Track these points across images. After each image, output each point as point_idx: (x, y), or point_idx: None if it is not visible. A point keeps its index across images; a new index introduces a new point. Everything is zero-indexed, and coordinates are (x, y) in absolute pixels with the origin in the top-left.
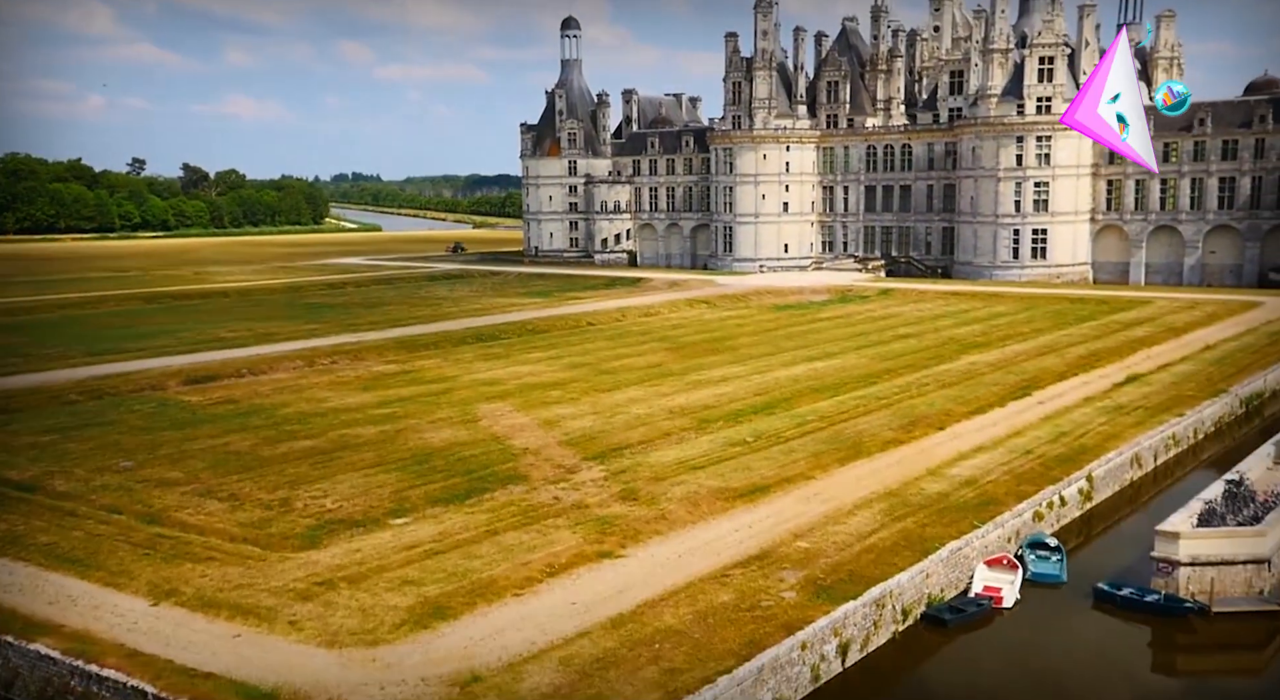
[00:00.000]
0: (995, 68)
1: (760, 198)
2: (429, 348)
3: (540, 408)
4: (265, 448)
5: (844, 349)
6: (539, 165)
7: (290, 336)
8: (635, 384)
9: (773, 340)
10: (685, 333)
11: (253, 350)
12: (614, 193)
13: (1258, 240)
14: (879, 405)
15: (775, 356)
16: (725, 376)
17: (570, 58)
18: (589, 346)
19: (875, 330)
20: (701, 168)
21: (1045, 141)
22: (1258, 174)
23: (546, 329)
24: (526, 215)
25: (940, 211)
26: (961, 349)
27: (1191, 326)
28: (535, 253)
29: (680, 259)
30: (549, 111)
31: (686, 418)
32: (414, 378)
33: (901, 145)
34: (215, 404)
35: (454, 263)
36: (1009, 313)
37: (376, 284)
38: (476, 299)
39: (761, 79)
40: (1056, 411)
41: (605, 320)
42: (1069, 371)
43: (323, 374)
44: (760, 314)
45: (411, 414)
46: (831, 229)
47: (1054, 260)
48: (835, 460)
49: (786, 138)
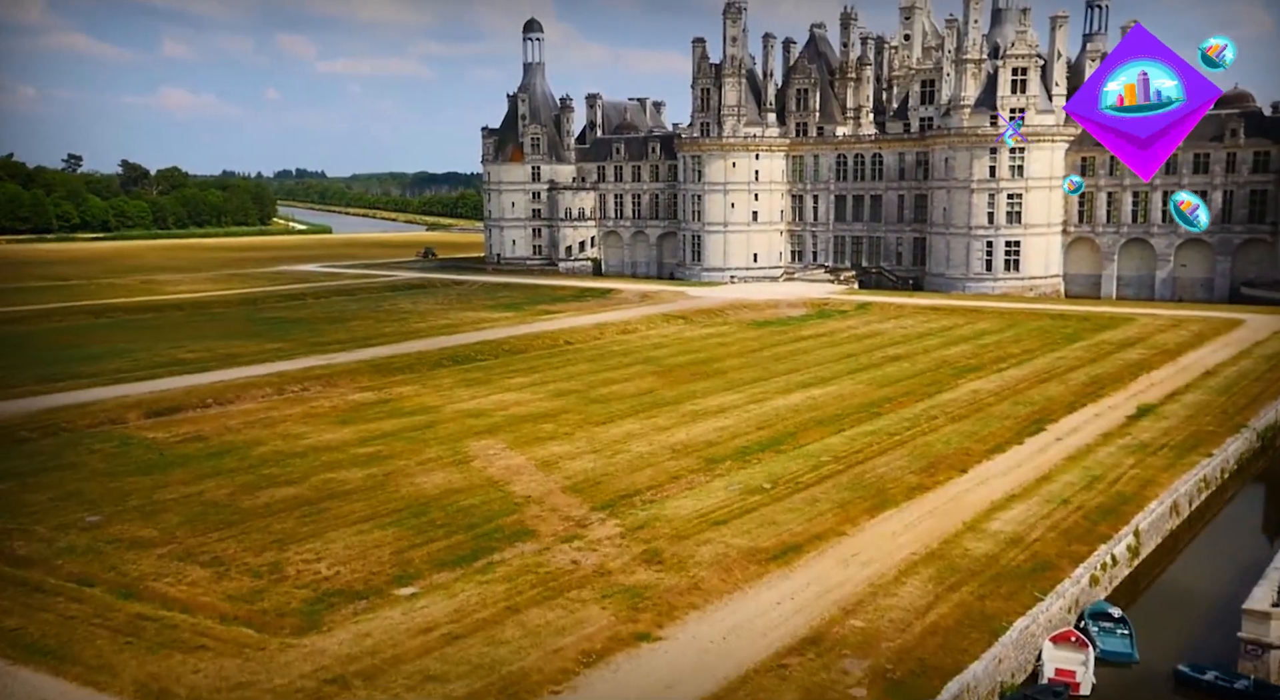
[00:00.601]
0: (968, 78)
1: (729, 206)
2: (404, 371)
3: (534, 445)
4: (244, 497)
5: (836, 373)
6: (501, 171)
7: (255, 358)
8: (629, 415)
9: (760, 362)
10: (668, 353)
11: (216, 375)
12: (578, 199)
13: (1229, 254)
14: (892, 443)
15: (768, 382)
16: (722, 406)
17: (532, 61)
18: (572, 370)
19: (862, 350)
20: (668, 175)
21: (1019, 153)
22: (1229, 188)
23: (524, 348)
24: (488, 222)
25: (911, 222)
26: (957, 373)
27: (1183, 348)
28: (498, 260)
29: (646, 267)
30: (511, 116)
31: (692, 457)
32: (394, 408)
33: (872, 154)
34: (183, 441)
35: (413, 271)
36: (994, 331)
37: (337, 295)
38: (444, 312)
39: (731, 86)
40: (1079, 451)
41: (583, 339)
42: (1077, 401)
43: (295, 404)
44: (740, 331)
45: (398, 453)
46: (801, 239)
47: (1027, 272)
48: (863, 511)
49: (756, 146)
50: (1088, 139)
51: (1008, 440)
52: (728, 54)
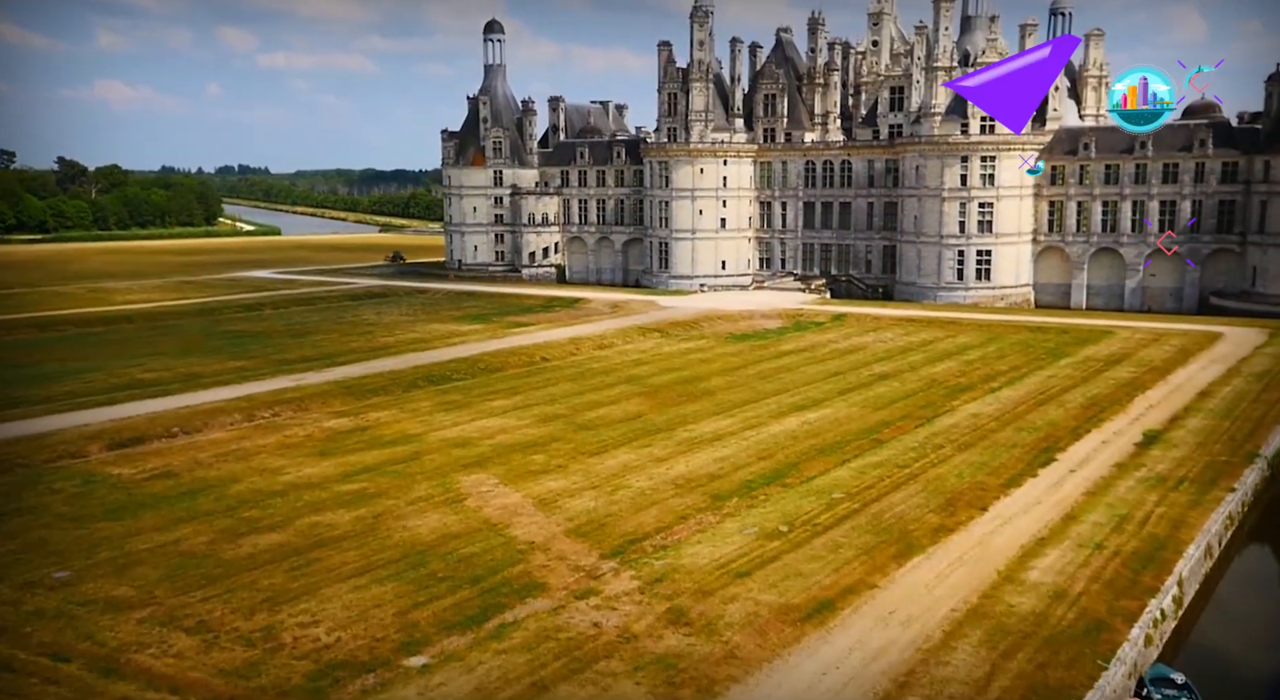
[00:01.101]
0: (939, 86)
1: (697, 213)
2: (378, 393)
3: (528, 479)
4: (225, 545)
5: (826, 394)
6: (462, 175)
7: (219, 379)
8: (622, 444)
9: (746, 381)
10: (650, 371)
11: (180, 400)
12: (542, 204)
13: (1198, 264)
14: (903, 476)
15: (759, 404)
16: (717, 433)
17: (493, 63)
18: (553, 391)
19: (848, 368)
20: (634, 180)
21: (990, 162)
22: (1198, 198)
23: (500, 366)
24: (449, 227)
25: (881, 229)
26: (950, 394)
27: (1171, 365)
28: (459, 266)
29: (611, 274)
30: (472, 118)
31: (696, 493)
32: (373, 437)
33: (841, 161)
34: (151, 478)
35: (373, 278)
36: (975, 345)
37: (296, 305)
38: (410, 325)
39: (698, 91)
40: (1097, 485)
41: (559, 355)
42: (1080, 426)
43: (267, 432)
44: (719, 346)
45: (385, 491)
46: (769, 246)
47: (998, 282)
48: (889, 557)
49: (724, 152)
50: (1057, 147)
51: (1020, 472)
52: (695, 58)
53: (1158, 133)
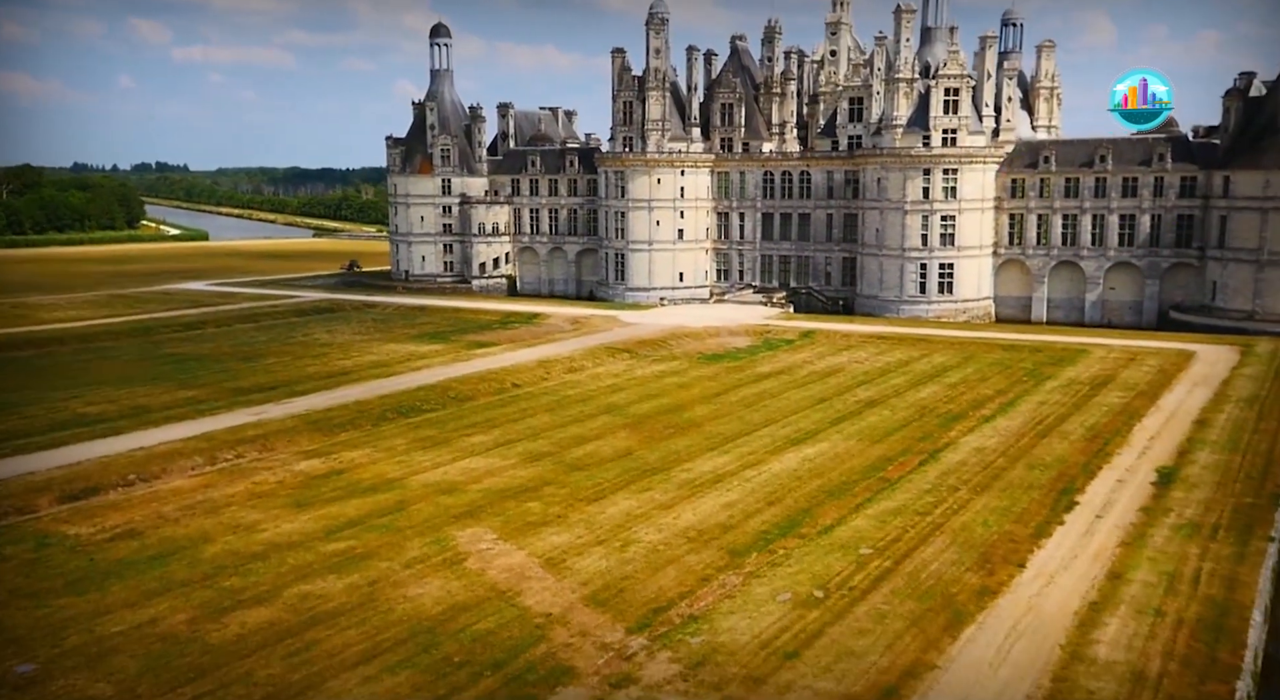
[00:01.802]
0: (900, 97)
1: (654, 224)
2: (347, 428)
3: (528, 533)
4: (209, 625)
5: (818, 424)
6: (409, 183)
7: (170, 413)
8: (620, 488)
9: (731, 409)
10: (629, 399)
11: (132, 440)
12: (492, 214)
13: (1157, 278)
14: (926, 526)
15: (752, 437)
16: (716, 473)
17: (440, 68)
18: (533, 423)
19: (832, 393)
20: (587, 189)
21: (952, 174)
22: (1157, 212)
23: (470, 394)
24: (395, 236)
25: (841, 241)
26: (944, 423)
27: (1156, 388)
28: (406, 277)
29: (564, 285)
30: (418, 125)
31: (711, 548)
32: (351, 482)
33: (800, 172)
34: (114, 539)
35: (316, 290)
36: (953, 366)
37: (239, 322)
38: (366, 345)
39: (655, 100)
40: (1130, 534)
41: (530, 380)
42: (1090, 462)
43: (234, 478)
44: (694, 369)
45: (376, 551)
46: (727, 257)
47: (960, 295)
48: (940, 629)
49: (681, 161)
50: (1017, 160)
51: (1046, 519)
52: (651, 66)
53: (1117, 146)
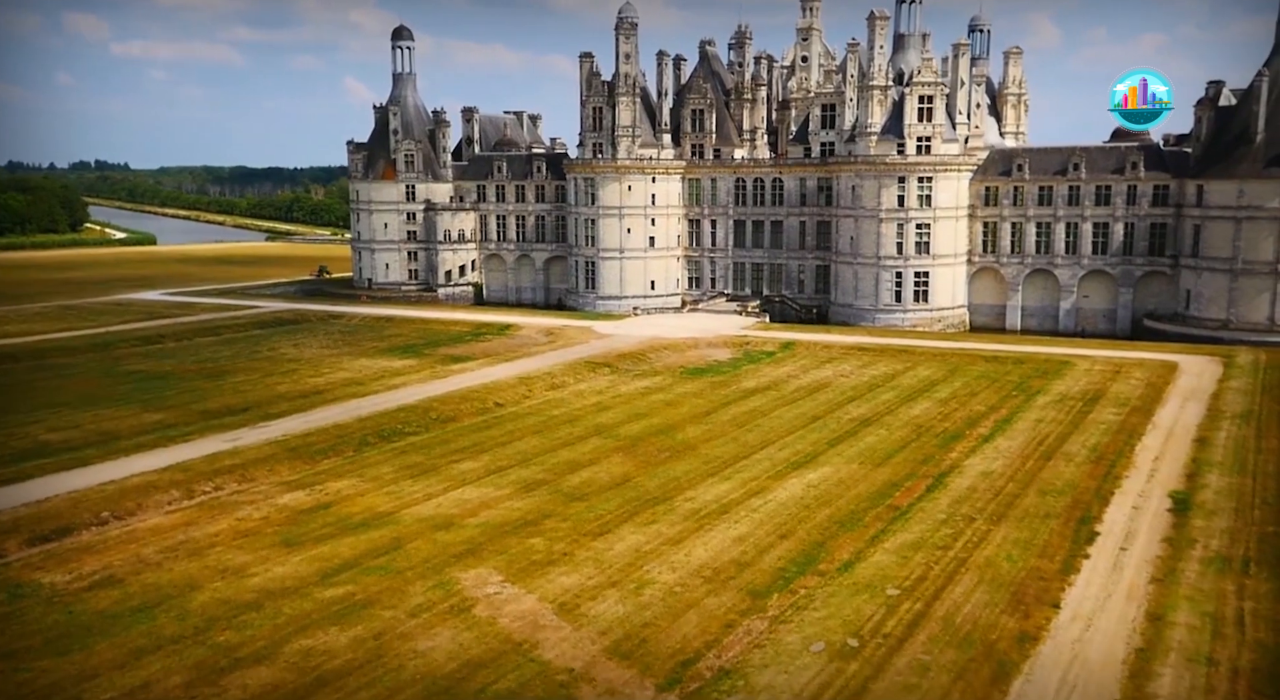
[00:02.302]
0: (874, 105)
1: (625, 231)
2: (329, 454)
3: (535, 574)
4: (207, 689)
5: (815, 446)
6: (372, 189)
7: (139, 439)
8: (624, 520)
9: (723, 429)
10: (617, 419)
11: (101, 471)
12: (458, 221)
13: (1131, 286)
14: (950, 562)
15: (750, 461)
16: (720, 502)
17: (402, 71)
18: (522, 448)
19: (823, 410)
20: (555, 196)
21: (927, 183)
22: (1130, 220)
23: (453, 415)
24: (358, 244)
25: (814, 249)
26: (943, 444)
27: (1149, 404)
28: (369, 285)
29: (532, 293)
30: (381, 130)
31: (730, 589)
32: (340, 517)
33: (772, 179)
34: (92, 587)
35: (276, 300)
36: (940, 380)
37: (200, 335)
38: (336, 360)
39: (625, 105)
40: (1160, 570)
41: (512, 398)
42: (1100, 487)
43: (215, 513)
44: (678, 384)
45: (377, 597)
46: (699, 265)
47: (935, 304)
48: (988, 681)
49: (652, 168)
50: (991, 168)
51: (1070, 552)
52: (621, 72)
53: (1090, 154)
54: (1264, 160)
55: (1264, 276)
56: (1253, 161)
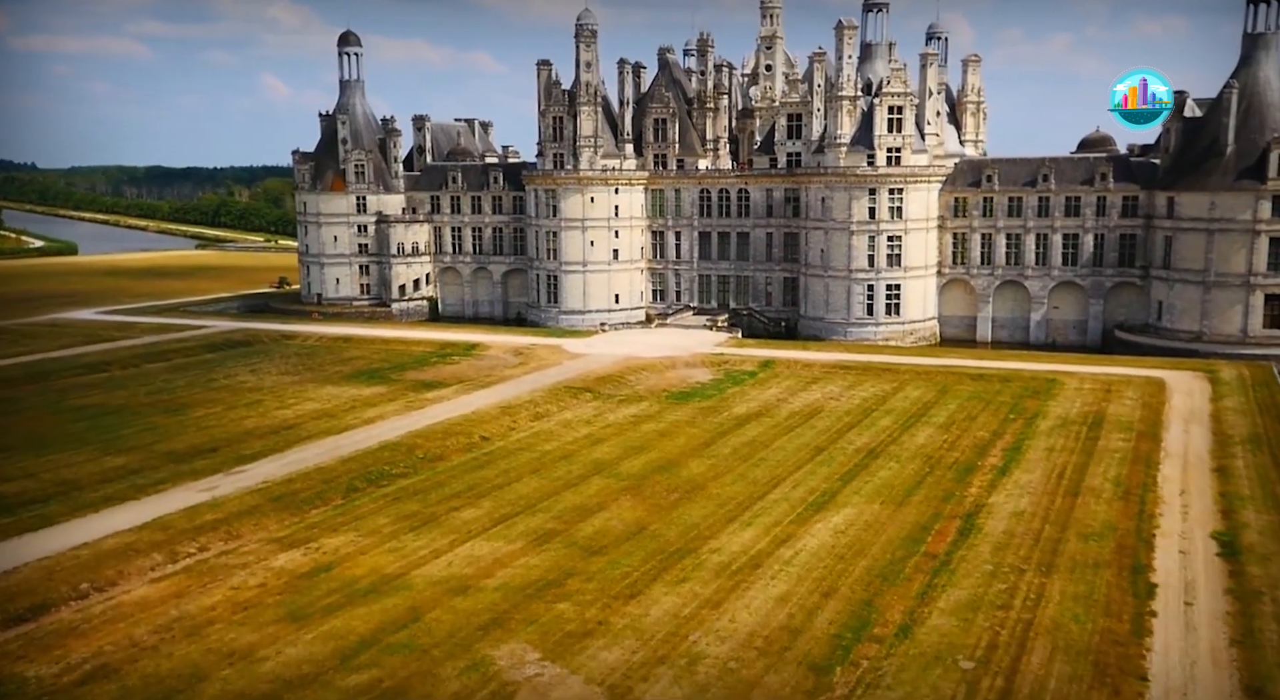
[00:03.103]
0: (843, 116)
1: (589, 244)
2: (316, 504)
3: (573, 648)
4: None
5: (828, 482)
6: (320, 201)
7: (106, 490)
8: (653, 578)
9: (728, 465)
10: (614, 454)
11: (71, 532)
12: (411, 233)
13: (1101, 297)
14: (1016, 624)
15: (766, 503)
16: (749, 553)
17: (350, 78)
18: (522, 491)
19: (824, 440)
20: (513, 207)
21: (897, 194)
22: (1100, 231)
23: (440, 453)
24: (306, 258)
25: (782, 261)
26: (958, 477)
27: (1152, 427)
28: (319, 300)
29: (490, 307)
30: (328, 139)
31: (789, 664)
32: (344, 582)
33: (738, 190)
34: (85, 682)
35: (222, 318)
36: (933, 402)
37: (148, 361)
38: (299, 388)
39: (587, 115)
40: (1239, 630)
41: (497, 431)
42: (1140, 528)
43: (205, 581)
44: (666, 410)
45: (408, 686)
46: (663, 277)
47: (907, 316)
48: None
49: (615, 179)
50: (960, 179)
51: (1135, 609)
52: (582, 80)
53: (1059, 165)
54: (1235, 172)
55: (1236, 288)
56: (1223, 173)
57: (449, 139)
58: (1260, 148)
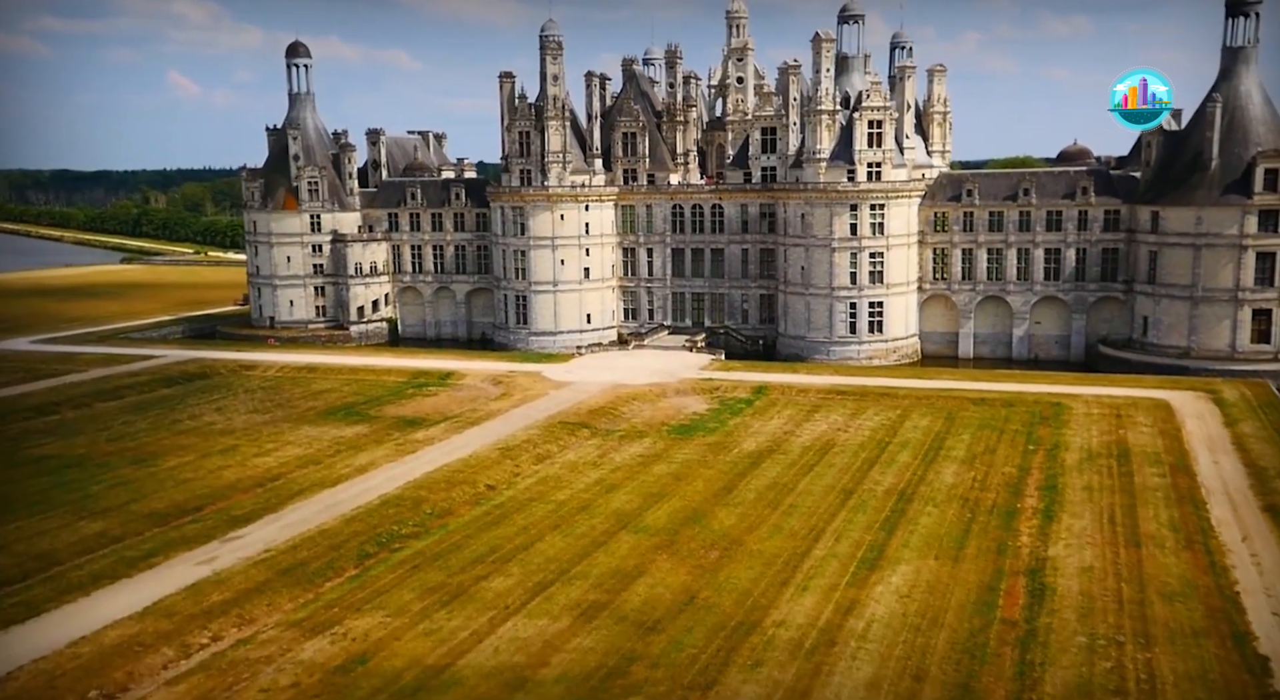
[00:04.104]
0: (823, 130)
1: (559, 263)
2: (328, 574)
3: None
4: None
5: (869, 533)
6: (272, 220)
7: (90, 566)
8: (725, 663)
9: (759, 515)
10: (632, 503)
11: (63, 622)
12: (369, 252)
13: (1084, 312)
14: None
15: (812, 561)
16: (818, 626)
17: (300, 91)
18: (547, 552)
19: (847, 480)
20: (476, 224)
21: (879, 210)
22: (1082, 246)
23: (447, 507)
24: (256, 279)
25: (758, 278)
26: (1003, 523)
27: (1180, 458)
28: (271, 324)
29: (453, 328)
30: (278, 155)
31: None
32: (387, 678)
33: (712, 205)
34: None
35: (172, 345)
36: (943, 431)
37: (100, 399)
38: (274, 431)
39: (555, 130)
40: None
41: (501, 478)
42: (1220, 586)
43: (229, 682)
44: (673, 448)
45: None
46: (635, 295)
47: (890, 334)
48: None
49: (585, 196)
50: (940, 193)
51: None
52: (549, 94)
53: (1039, 179)
54: (1220, 187)
55: (1224, 304)
56: (1209, 188)
57: (404, 153)
58: (1245, 162)
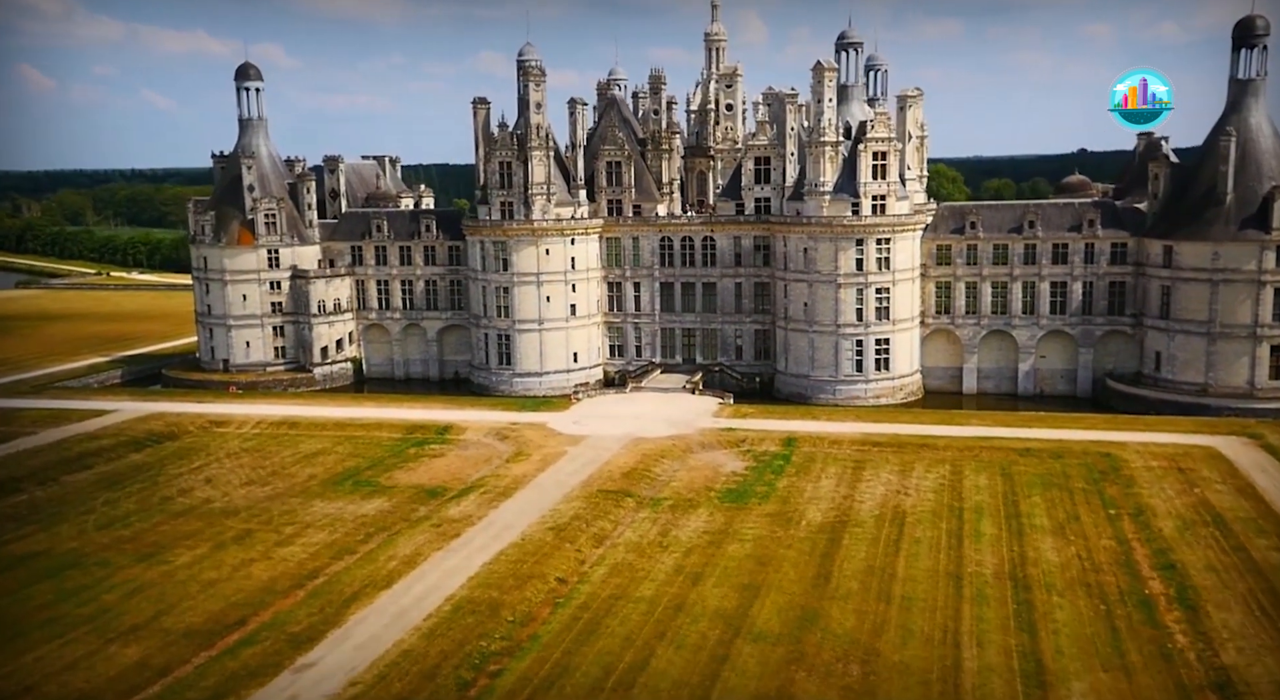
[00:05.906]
0: (825, 162)
1: (544, 300)
2: None
3: None
4: None
5: (1012, 635)
6: (225, 257)
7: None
8: None
9: (873, 610)
10: (729, 599)
11: None
12: (332, 289)
13: (1091, 346)
14: None
15: (970, 676)
16: None
17: (252, 116)
18: (670, 673)
19: (946, 561)
20: (448, 257)
21: (885, 244)
22: (1089, 279)
23: (528, 613)
24: (207, 319)
25: (752, 312)
26: (1147, 618)
27: (1275, 520)
28: (225, 367)
29: (423, 367)
30: (228, 185)
31: None
32: None
33: (703, 238)
34: None
35: (121, 396)
36: (1007, 492)
37: (66, 471)
38: (284, 508)
39: (539, 160)
40: None
41: (568, 569)
42: None
43: None
44: (735, 522)
45: None
46: (622, 331)
47: (896, 371)
48: None
49: (571, 229)
50: (942, 225)
51: None
52: (532, 123)
53: (1045, 212)
54: (1237, 222)
55: (1243, 340)
56: (1225, 223)
57: (364, 183)
58: (1260, 196)
